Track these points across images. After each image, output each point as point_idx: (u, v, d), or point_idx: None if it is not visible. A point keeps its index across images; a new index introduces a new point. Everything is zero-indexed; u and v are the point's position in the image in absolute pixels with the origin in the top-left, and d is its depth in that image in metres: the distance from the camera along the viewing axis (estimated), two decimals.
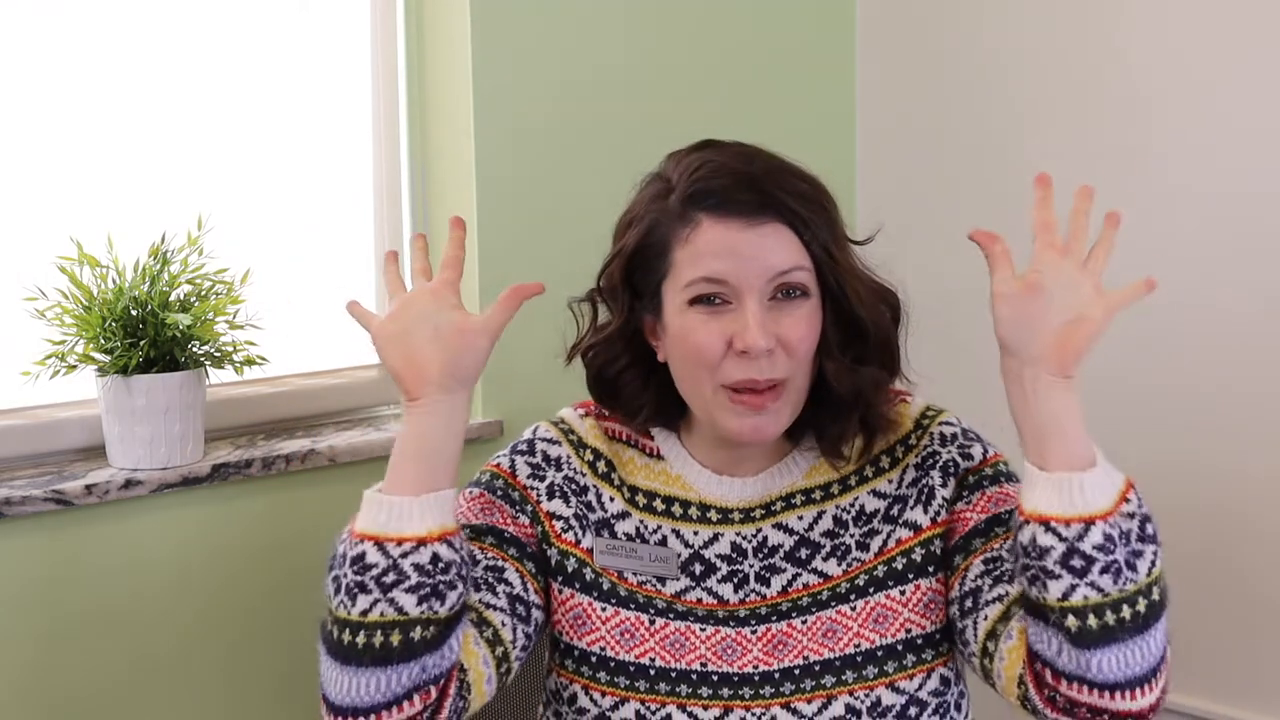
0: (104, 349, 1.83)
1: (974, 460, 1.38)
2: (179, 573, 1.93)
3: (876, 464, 1.38)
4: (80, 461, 1.93)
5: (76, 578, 1.84)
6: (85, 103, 1.97)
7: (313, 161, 2.20)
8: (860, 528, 1.36)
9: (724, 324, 1.27)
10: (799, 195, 1.28)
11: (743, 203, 1.27)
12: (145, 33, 2.02)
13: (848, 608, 1.33)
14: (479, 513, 1.37)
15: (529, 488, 1.38)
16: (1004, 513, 1.33)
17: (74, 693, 1.85)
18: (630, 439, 1.42)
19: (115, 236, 1.89)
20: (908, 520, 1.36)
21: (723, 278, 1.27)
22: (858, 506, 1.37)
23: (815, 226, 1.28)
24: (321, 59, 2.20)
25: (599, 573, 1.36)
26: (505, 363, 2.25)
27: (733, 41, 2.53)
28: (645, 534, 1.37)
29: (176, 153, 2.05)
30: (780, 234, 1.27)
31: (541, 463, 1.40)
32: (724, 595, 1.35)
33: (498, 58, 2.22)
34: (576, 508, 1.38)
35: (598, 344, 1.39)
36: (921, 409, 1.42)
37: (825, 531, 1.36)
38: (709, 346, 1.27)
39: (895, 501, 1.37)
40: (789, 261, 1.27)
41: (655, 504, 1.38)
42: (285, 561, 2.03)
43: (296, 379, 2.18)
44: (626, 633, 1.34)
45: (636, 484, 1.39)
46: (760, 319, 1.25)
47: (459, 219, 1.32)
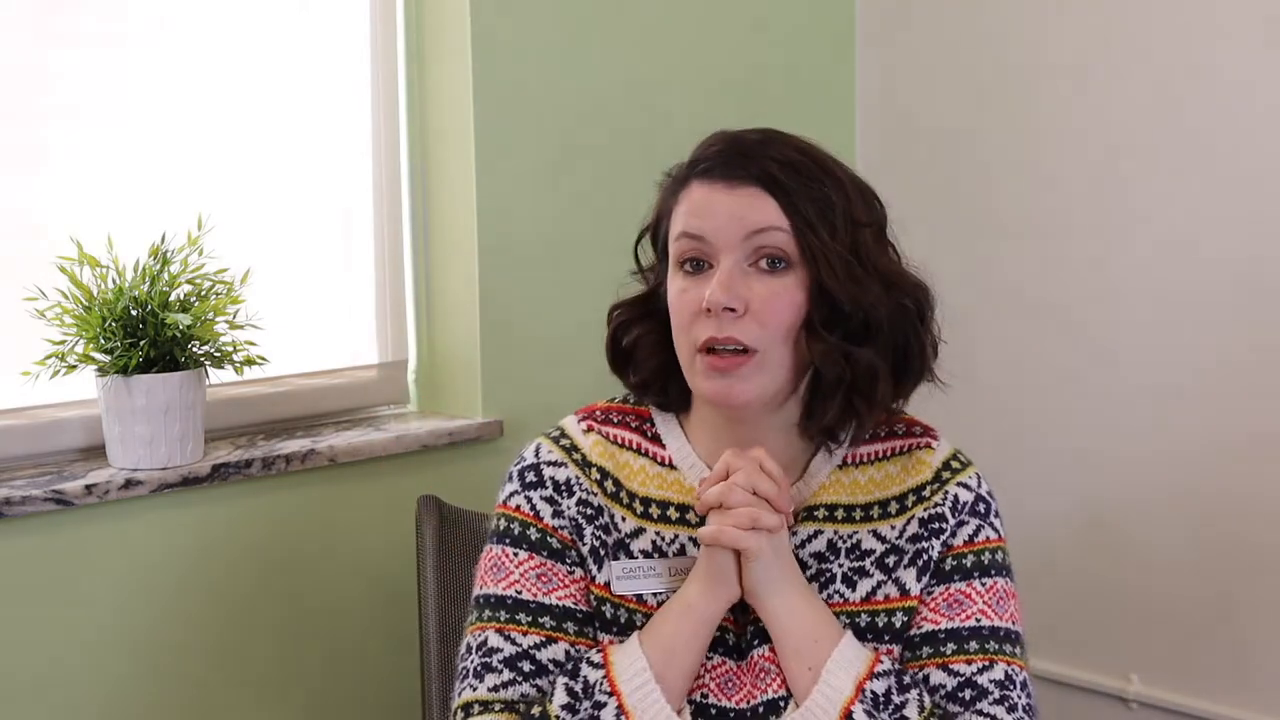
0: (104, 349, 1.83)
1: (977, 538, 1.36)
2: (179, 573, 1.93)
3: (885, 507, 1.36)
4: (80, 461, 1.93)
5: (76, 578, 1.84)
6: (85, 102, 1.97)
7: (313, 162, 2.20)
8: (851, 561, 1.35)
9: (700, 289, 1.29)
10: (787, 164, 1.30)
11: (728, 166, 1.31)
12: (145, 32, 2.02)
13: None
14: (540, 586, 1.35)
15: (559, 528, 1.36)
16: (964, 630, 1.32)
17: (74, 692, 1.85)
18: (640, 447, 1.40)
19: (115, 236, 1.89)
20: (899, 580, 1.34)
21: (699, 233, 1.30)
22: (855, 539, 1.35)
23: (798, 196, 1.29)
24: (321, 59, 2.20)
25: (617, 605, 1.35)
26: (505, 363, 2.26)
27: (732, 43, 2.53)
28: (663, 546, 1.36)
29: (176, 153, 2.05)
30: (759, 197, 1.29)
31: (555, 494, 1.37)
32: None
33: (498, 58, 2.22)
34: (592, 540, 1.36)
35: (622, 304, 1.42)
36: (946, 457, 1.39)
37: (815, 553, 1.35)
38: (684, 307, 1.30)
39: (892, 551, 1.35)
40: (763, 221, 1.28)
41: (670, 513, 1.36)
42: (285, 561, 2.03)
43: (296, 379, 2.18)
44: None
45: (649, 495, 1.37)
46: (727, 277, 1.28)
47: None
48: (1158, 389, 2.35)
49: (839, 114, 2.69)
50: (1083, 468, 2.46)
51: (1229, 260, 2.25)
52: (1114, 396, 2.40)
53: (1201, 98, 2.26)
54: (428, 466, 2.16)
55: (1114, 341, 2.40)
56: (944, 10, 2.60)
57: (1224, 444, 2.28)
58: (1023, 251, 2.51)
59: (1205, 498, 2.31)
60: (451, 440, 2.18)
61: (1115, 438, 2.41)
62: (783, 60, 2.60)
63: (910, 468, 1.38)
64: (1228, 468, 2.28)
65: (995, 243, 2.54)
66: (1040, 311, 2.49)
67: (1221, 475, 2.29)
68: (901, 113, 2.66)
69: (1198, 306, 2.29)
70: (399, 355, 2.28)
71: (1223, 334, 2.27)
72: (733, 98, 2.50)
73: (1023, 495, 2.43)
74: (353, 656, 2.10)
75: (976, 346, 2.52)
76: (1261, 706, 2.29)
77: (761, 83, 2.56)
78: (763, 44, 2.57)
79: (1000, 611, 1.33)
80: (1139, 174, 2.34)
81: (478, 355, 2.23)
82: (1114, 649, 2.46)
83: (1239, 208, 2.24)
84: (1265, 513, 2.25)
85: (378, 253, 2.25)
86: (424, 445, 2.15)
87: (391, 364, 2.28)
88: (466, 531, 1.84)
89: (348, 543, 2.09)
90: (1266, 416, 2.23)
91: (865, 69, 2.71)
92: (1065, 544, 2.48)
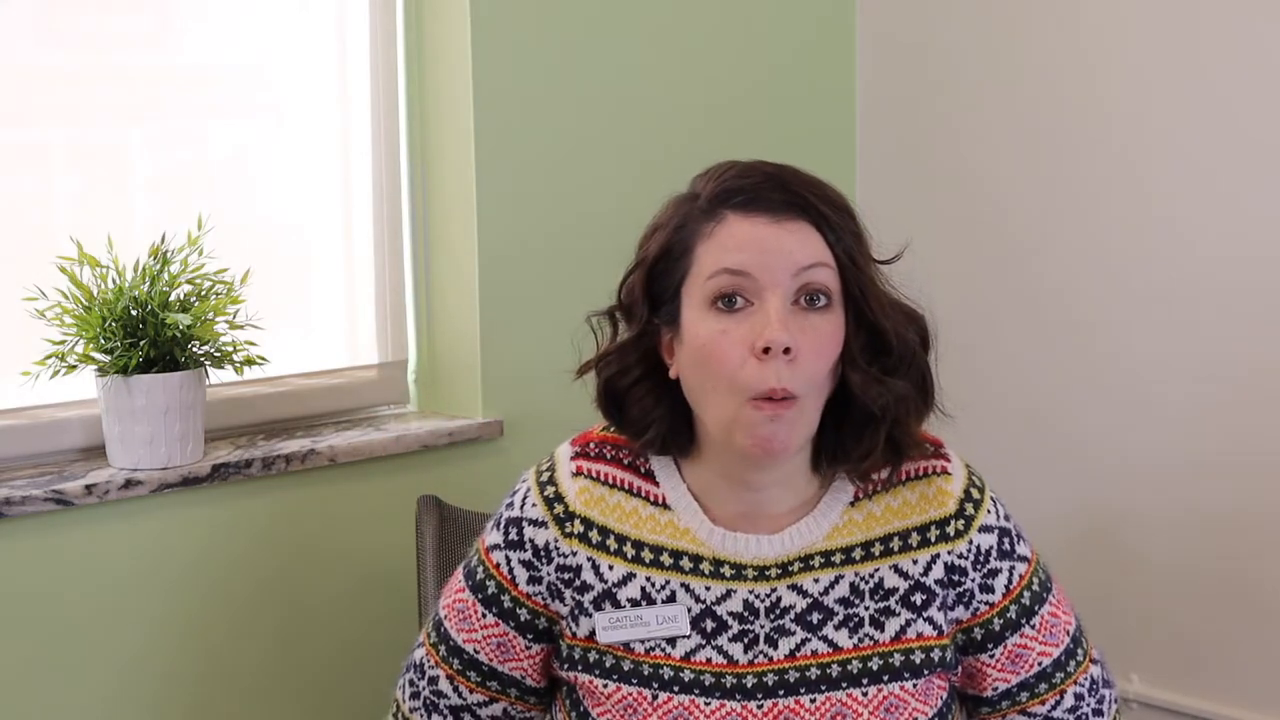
0: (104, 349, 1.84)
1: (994, 596, 1.35)
2: (179, 573, 1.93)
3: (906, 540, 1.33)
4: (80, 461, 1.93)
5: (76, 578, 1.84)
6: (85, 102, 1.97)
7: (313, 161, 2.20)
8: (876, 602, 1.32)
9: (743, 329, 1.22)
10: (826, 200, 1.27)
11: (770, 200, 1.25)
12: (146, 32, 2.02)
13: (859, 692, 1.30)
14: (497, 654, 1.37)
15: (534, 595, 1.35)
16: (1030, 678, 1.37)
17: (74, 693, 1.85)
18: (631, 487, 1.34)
19: (115, 236, 1.89)
20: (931, 619, 1.32)
21: (745, 269, 1.23)
22: (877, 579, 1.32)
23: (840, 230, 1.26)
24: (321, 59, 2.20)
25: (603, 651, 1.32)
26: (505, 363, 2.26)
27: (733, 44, 2.52)
28: (652, 593, 1.32)
29: (176, 153, 2.05)
30: (806, 232, 1.25)
31: (534, 558, 1.34)
32: (734, 655, 1.30)
33: (498, 58, 2.22)
34: (571, 602, 1.34)
35: (611, 353, 1.34)
36: (964, 486, 1.35)
37: (840, 599, 1.31)
38: (729, 351, 1.22)
39: (917, 589, 1.32)
40: (813, 257, 1.24)
41: (663, 558, 1.32)
42: (285, 561, 2.03)
43: (296, 379, 2.18)
44: (629, 709, 1.30)
45: (642, 539, 1.33)
46: (783, 314, 1.22)
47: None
48: (1158, 391, 2.35)
49: (839, 114, 2.69)
50: (1084, 469, 2.45)
51: (1236, 261, 2.24)
52: (1115, 399, 2.40)
53: (1206, 99, 2.26)
54: (428, 466, 2.15)
55: (1117, 344, 2.40)
56: (944, 10, 2.59)
57: (1224, 446, 2.28)
58: (1025, 252, 2.50)
59: (1206, 499, 2.31)
60: (451, 440, 2.18)
61: (1116, 439, 2.40)
62: (783, 61, 2.60)
63: (930, 498, 1.34)
64: (1228, 470, 2.28)
65: (997, 244, 2.53)
66: (1042, 314, 2.49)
67: (1222, 477, 2.29)
68: (902, 113, 2.66)
69: (1202, 310, 2.28)
70: (399, 355, 2.28)
71: (1228, 338, 2.27)
72: (733, 98, 2.50)
73: (1024, 496, 2.41)
74: (353, 656, 2.10)
75: (978, 349, 2.51)
76: (1261, 706, 2.29)
77: (762, 83, 2.56)
78: (763, 45, 2.57)
79: (1054, 639, 1.37)
80: (1146, 175, 2.33)
81: (478, 355, 2.23)
82: (1114, 649, 2.45)
83: (1250, 209, 2.23)
84: (1266, 514, 2.25)
85: (378, 253, 2.25)
86: (424, 445, 2.15)
87: (391, 364, 2.28)
88: (466, 531, 1.84)
89: (348, 543, 2.09)
90: (1267, 420, 2.23)
91: (865, 69, 2.71)
92: (1066, 545, 2.47)
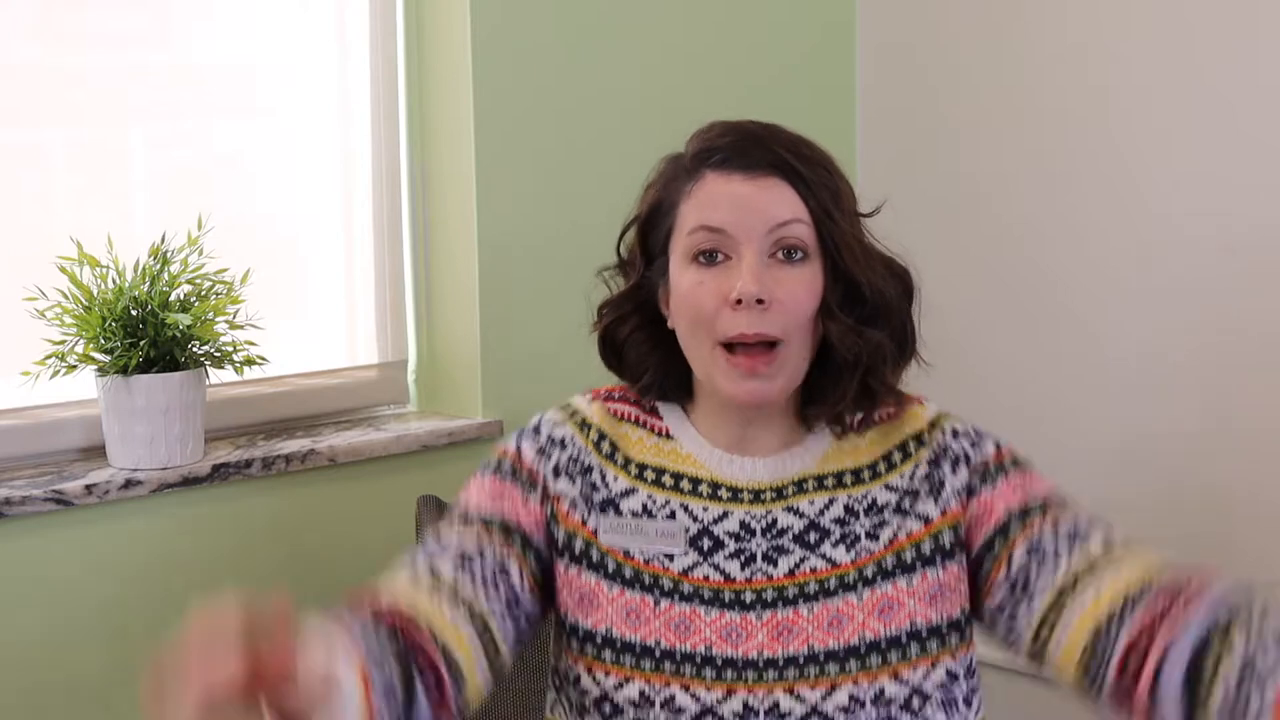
0: (104, 349, 1.84)
1: (987, 452, 1.39)
2: (179, 573, 1.93)
3: (889, 460, 1.39)
4: (80, 461, 1.93)
5: (76, 578, 1.84)
6: (85, 102, 1.97)
7: (313, 161, 2.20)
8: (871, 518, 1.37)
9: (721, 280, 1.29)
10: (801, 156, 1.32)
11: (746, 157, 1.31)
12: (146, 32, 2.02)
13: (854, 597, 1.34)
14: (491, 500, 1.39)
15: (536, 469, 1.40)
16: (1033, 502, 1.36)
17: (74, 693, 1.85)
18: (639, 419, 1.42)
19: (115, 236, 1.89)
20: (919, 512, 1.37)
21: (721, 226, 1.29)
22: (870, 499, 1.38)
23: (815, 186, 1.31)
24: (321, 59, 2.20)
25: (605, 552, 1.37)
26: (505, 363, 2.26)
27: (733, 44, 2.53)
28: (653, 509, 1.37)
29: (176, 152, 2.05)
30: (780, 188, 1.30)
31: (546, 444, 1.41)
32: (730, 572, 1.35)
33: (498, 58, 2.22)
34: (581, 487, 1.39)
35: (610, 302, 1.41)
36: (935, 414, 1.43)
37: (836, 519, 1.37)
38: (705, 301, 1.29)
39: (906, 495, 1.38)
40: (788, 214, 1.30)
41: (664, 479, 1.38)
42: (285, 561, 2.03)
43: (296, 379, 2.18)
44: (632, 613, 1.35)
45: (645, 461, 1.39)
46: (756, 269, 1.28)
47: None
48: (1150, 379, 2.35)
49: (839, 114, 2.69)
50: (1075, 458, 2.44)
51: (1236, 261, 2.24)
52: (1115, 399, 2.40)
53: (1206, 101, 2.27)
54: (428, 466, 2.16)
55: (1118, 344, 2.40)
56: (945, 14, 2.60)
57: (1216, 434, 2.28)
58: (1025, 253, 2.51)
59: (1197, 488, 2.31)
60: (451, 440, 2.18)
61: (1108, 428, 2.41)
62: (783, 60, 2.60)
63: (906, 421, 1.41)
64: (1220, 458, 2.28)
65: (997, 245, 2.54)
66: (1042, 314, 2.49)
67: (1214, 465, 2.29)
68: (902, 115, 2.66)
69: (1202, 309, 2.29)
70: (399, 355, 2.28)
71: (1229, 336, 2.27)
72: (733, 98, 2.50)
73: None
74: None
75: (978, 349, 2.52)
76: None
77: (762, 83, 2.56)
78: (763, 44, 2.57)
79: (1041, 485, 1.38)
80: (1146, 176, 2.34)
81: (478, 355, 2.23)
82: None
83: (1250, 209, 2.23)
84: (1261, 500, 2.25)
85: (378, 253, 2.25)
86: (424, 445, 2.15)
87: (391, 364, 2.28)
88: None
89: (348, 543, 2.09)
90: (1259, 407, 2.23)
91: (865, 69, 2.71)
92: None
